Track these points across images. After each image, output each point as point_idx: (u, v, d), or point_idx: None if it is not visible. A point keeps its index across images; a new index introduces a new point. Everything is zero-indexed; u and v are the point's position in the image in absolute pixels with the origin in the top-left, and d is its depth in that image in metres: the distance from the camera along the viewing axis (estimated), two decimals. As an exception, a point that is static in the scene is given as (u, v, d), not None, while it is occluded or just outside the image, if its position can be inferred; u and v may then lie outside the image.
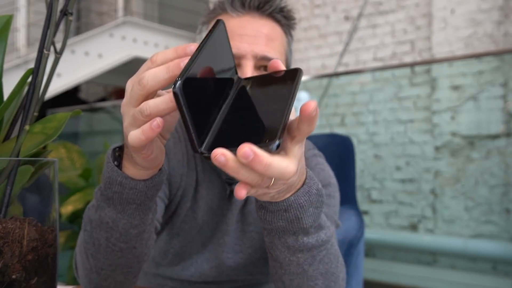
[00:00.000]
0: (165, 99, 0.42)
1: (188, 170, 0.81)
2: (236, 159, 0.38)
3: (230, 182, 0.82)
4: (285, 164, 0.41)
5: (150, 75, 0.43)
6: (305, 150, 0.83)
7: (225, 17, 0.75)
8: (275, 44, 0.76)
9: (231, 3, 0.76)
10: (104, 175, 0.54)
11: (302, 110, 0.40)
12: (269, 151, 0.38)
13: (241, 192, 0.41)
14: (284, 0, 0.81)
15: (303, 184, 0.51)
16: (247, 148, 0.37)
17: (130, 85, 0.46)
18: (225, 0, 0.77)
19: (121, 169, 0.53)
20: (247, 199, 0.82)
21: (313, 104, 0.40)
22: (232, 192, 0.80)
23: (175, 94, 0.39)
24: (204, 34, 0.80)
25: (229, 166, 0.38)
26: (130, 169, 0.52)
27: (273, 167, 0.39)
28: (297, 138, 0.42)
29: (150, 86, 0.43)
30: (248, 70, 0.72)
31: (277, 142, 0.38)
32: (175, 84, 0.39)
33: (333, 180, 0.81)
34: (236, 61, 0.61)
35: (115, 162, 0.54)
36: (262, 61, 0.73)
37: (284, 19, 0.79)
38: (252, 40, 0.73)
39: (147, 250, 0.61)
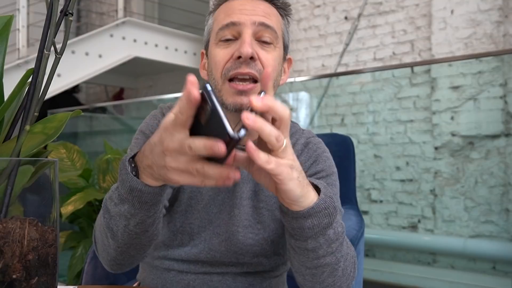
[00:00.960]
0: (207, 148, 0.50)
1: None
2: (255, 116, 0.51)
3: None
4: (280, 104, 0.54)
5: (197, 147, 0.51)
6: (309, 136, 0.92)
7: (227, 3, 0.84)
8: (272, 18, 0.83)
9: None
10: (125, 184, 0.62)
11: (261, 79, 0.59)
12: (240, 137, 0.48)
13: (261, 156, 0.53)
14: None
15: (316, 187, 0.65)
16: (254, 99, 0.52)
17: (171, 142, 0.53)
18: None
19: (138, 178, 0.62)
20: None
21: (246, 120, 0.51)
22: (237, 168, 0.84)
23: (208, 92, 0.50)
24: (212, 18, 0.88)
25: (257, 121, 0.51)
26: (148, 180, 0.61)
27: (277, 104, 0.54)
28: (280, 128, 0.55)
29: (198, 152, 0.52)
30: (246, 37, 0.79)
31: (242, 132, 0.49)
32: (205, 87, 0.50)
33: (335, 169, 0.89)
34: (236, 31, 0.80)
35: (133, 172, 0.62)
36: (260, 28, 0.80)
37: (280, 4, 0.86)
38: (251, 12, 0.81)
39: (157, 231, 0.71)
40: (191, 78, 0.51)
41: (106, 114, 4.98)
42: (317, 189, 0.65)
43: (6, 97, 0.49)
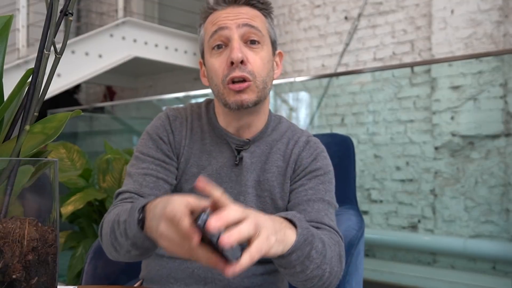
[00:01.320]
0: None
1: (190, 142, 0.97)
2: (228, 234, 0.56)
3: (239, 149, 0.95)
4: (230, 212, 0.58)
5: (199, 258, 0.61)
6: (309, 135, 1.00)
7: (213, 14, 0.92)
8: (256, 19, 0.91)
9: (215, 2, 0.92)
10: (131, 229, 0.73)
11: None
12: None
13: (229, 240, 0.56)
14: None
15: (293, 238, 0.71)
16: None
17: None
18: (208, 2, 0.94)
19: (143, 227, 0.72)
20: (264, 169, 0.95)
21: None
22: (241, 159, 0.94)
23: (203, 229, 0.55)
24: (202, 30, 0.95)
25: (232, 235, 0.56)
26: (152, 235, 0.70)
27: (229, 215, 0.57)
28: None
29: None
30: (235, 43, 0.87)
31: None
32: (202, 220, 0.55)
33: (331, 168, 0.97)
34: (225, 37, 0.88)
35: (140, 224, 0.72)
36: (246, 29, 0.89)
37: (261, 5, 0.94)
38: (235, 17, 0.89)
39: (154, 251, 0.80)
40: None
41: (106, 114, 4.99)
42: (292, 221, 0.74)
43: (6, 97, 0.49)
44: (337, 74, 3.81)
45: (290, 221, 0.74)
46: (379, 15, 3.86)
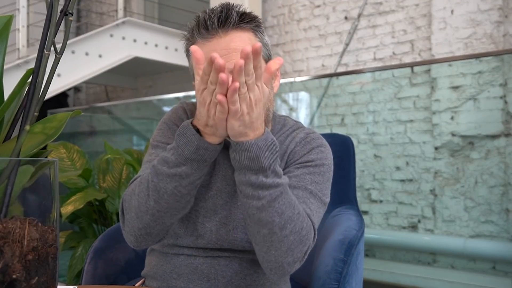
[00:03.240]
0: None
1: None
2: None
3: None
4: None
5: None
6: (310, 132, 0.98)
7: (198, 45, 0.88)
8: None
9: (198, 32, 0.88)
10: (190, 144, 0.76)
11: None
12: None
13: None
14: (239, 6, 0.89)
15: (262, 135, 0.76)
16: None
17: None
18: (193, 31, 0.90)
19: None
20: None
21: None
22: None
23: None
24: (191, 62, 0.93)
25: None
26: (212, 138, 0.77)
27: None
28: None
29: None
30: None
31: None
32: None
33: (328, 162, 0.93)
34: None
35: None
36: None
37: (247, 24, 0.88)
38: (224, 59, 0.82)
39: (192, 199, 0.84)
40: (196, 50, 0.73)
41: (106, 114, 4.98)
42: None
43: (6, 97, 0.49)
44: (337, 74, 3.81)
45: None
46: (379, 15, 3.86)
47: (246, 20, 0.88)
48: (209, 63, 0.68)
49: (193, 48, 0.73)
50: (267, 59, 0.92)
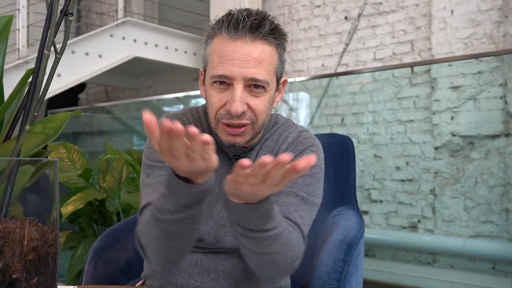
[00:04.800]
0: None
1: None
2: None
3: (236, 158, 0.94)
4: None
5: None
6: (301, 130, 0.98)
7: (221, 39, 0.85)
8: (264, 65, 0.85)
9: (227, 28, 0.84)
10: (185, 194, 0.71)
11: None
12: None
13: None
14: (274, 18, 0.88)
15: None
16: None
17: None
18: (222, 23, 0.85)
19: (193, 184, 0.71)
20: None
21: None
22: None
23: None
24: (208, 51, 0.89)
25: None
26: (203, 178, 0.71)
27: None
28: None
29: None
30: (237, 94, 0.83)
31: None
32: None
33: (318, 162, 0.93)
34: (228, 81, 0.84)
35: (187, 182, 0.71)
36: (250, 81, 0.84)
37: (275, 39, 0.86)
38: (242, 65, 0.83)
39: (201, 225, 0.82)
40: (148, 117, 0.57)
41: (106, 114, 4.98)
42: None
43: (6, 97, 0.49)
44: (337, 74, 3.81)
45: None
46: (379, 15, 3.86)
47: (276, 35, 0.86)
48: (167, 134, 0.59)
49: (146, 117, 0.57)
50: (280, 76, 0.91)
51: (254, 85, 0.84)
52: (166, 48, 4.57)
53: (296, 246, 0.82)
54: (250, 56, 0.83)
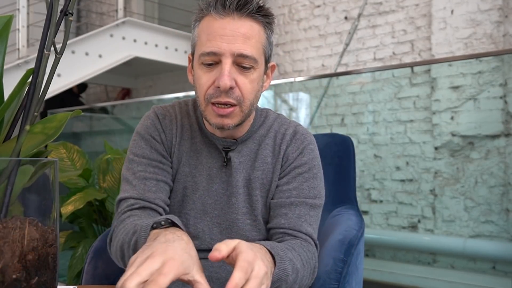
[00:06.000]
0: None
1: (181, 140, 0.95)
2: None
3: (226, 150, 0.94)
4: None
5: None
6: (296, 125, 0.98)
7: (209, 18, 0.86)
8: (252, 42, 0.85)
9: (214, 6, 0.85)
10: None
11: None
12: None
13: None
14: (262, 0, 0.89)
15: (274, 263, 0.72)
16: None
17: None
18: (209, 4, 0.87)
19: None
20: (253, 167, 0.94)
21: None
22: (229, 160, 0.93)
23: None
24: (196, 32, 0.89)
25: None
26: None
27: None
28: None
29: None
30: (226, 68, 0.83)
31: None
32: None
33: (317, 161, 0.96)
34: (216, 58, 0.83)
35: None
36: (239, 58, 0.84)
37: (262, 17, 0.88)
38: (230, 40, 0.83)
39: None
40: None
41: (106, 114, 4.99)
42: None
43: (6, 97, 0.49)
44: (337, 74, 3.81)
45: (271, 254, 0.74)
46: (379, 15, 3.86)
47: (263, 13, 0.87)
48: None
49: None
50: (268, 59, 0.92)
51: (242, 66, 0.85)
52: (166, 48, 4.57)
53: (312, 259, 0.85)
54: (239, 31, 0.84)
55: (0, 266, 0.42)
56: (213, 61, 0.85)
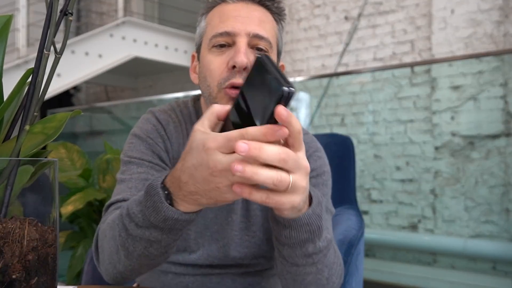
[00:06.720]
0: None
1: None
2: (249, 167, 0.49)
3: None
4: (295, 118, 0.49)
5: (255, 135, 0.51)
6: (303, 133, 0.88)
7: (221, 6, 0.82)
8: (267, 26, 0.81)
9: None
10: (158, 213, 0.59)
11: (277, 117, 0.48)
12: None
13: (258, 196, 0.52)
14: None
15: (311, 197, 0.61)
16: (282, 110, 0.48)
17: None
18: None
19: (173, 205, 0.60)
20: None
21: (282, 111, 0.47)
22: None
23: (263, 58, 0.50)
24: (205, 22, 0.85)
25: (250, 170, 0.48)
26: (190, 207, 0.59)
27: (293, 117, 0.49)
28: (291, 143, 0.51)
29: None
30: (242, 46, 0.77)
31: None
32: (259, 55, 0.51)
33: (327, 168, 0.89)
34: (231, 39, 0.78)
35: (168, 201, 0.59)
36: (254, 39, 0.79)
37: (275, 9, 0.84)
38: (245, 21, 0.79)
39: (172, 252, 0.69)
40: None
41: (106, 114, 4.99)
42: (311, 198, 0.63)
43: (6, 97, 0.49)
44: (337, 74, 3.81)
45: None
46: (379, 15, 3.86)
47: (275, 5, 0.84)
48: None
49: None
50: (279, 54, 0.88)
51: (258, 48, 0.79)
52: (166, 48, 4.57)
53: (340, 258, 0.76)
54: (253, 14, 0.80)
55: (0, 266, 0.42)
56: (226, 42, 0.79)
